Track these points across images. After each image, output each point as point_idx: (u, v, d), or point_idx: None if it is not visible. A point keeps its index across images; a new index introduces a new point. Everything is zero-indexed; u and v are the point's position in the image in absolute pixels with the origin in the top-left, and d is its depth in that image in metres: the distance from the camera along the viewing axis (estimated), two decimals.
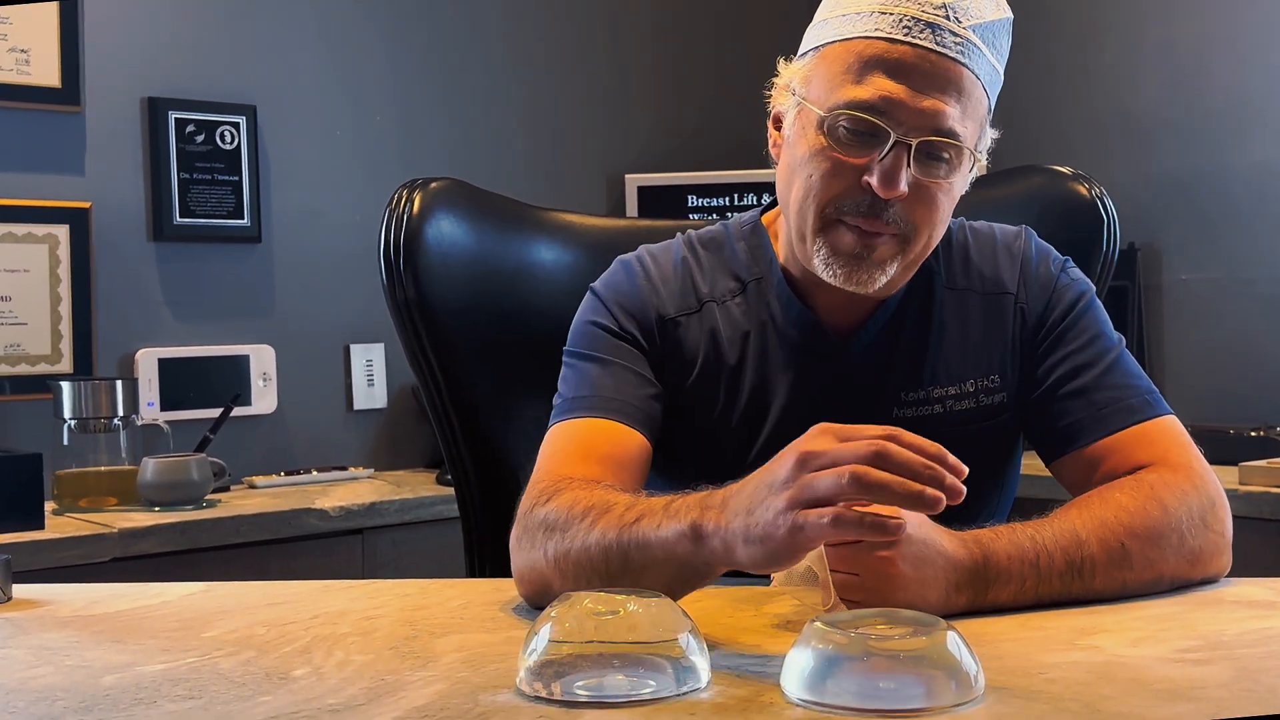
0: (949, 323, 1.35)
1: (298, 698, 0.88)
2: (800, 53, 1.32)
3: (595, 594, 0.91)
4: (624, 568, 1.04)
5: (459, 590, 1.23)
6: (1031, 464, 1.42)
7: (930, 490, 0.89)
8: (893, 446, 0.91)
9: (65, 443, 2.49)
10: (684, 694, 0.86)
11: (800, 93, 1.28)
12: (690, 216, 3.20)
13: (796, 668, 0.85)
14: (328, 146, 3.00)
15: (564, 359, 1.35)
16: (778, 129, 1.34)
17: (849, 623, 0.86)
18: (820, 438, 0.95)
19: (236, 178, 2.84)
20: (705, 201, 3.20)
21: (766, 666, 0.93)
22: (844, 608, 1.02)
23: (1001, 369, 1.34)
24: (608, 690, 0.87)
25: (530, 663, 0.88)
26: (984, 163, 1.31)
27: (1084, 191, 1.66)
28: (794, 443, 0.96)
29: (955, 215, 1.44)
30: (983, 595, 1.08)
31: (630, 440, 1.27)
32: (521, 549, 1.15)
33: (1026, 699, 0.83)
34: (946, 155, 1.24)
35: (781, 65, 1.33)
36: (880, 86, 1.22)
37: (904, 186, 1.22)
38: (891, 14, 1.22)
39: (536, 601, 1.14)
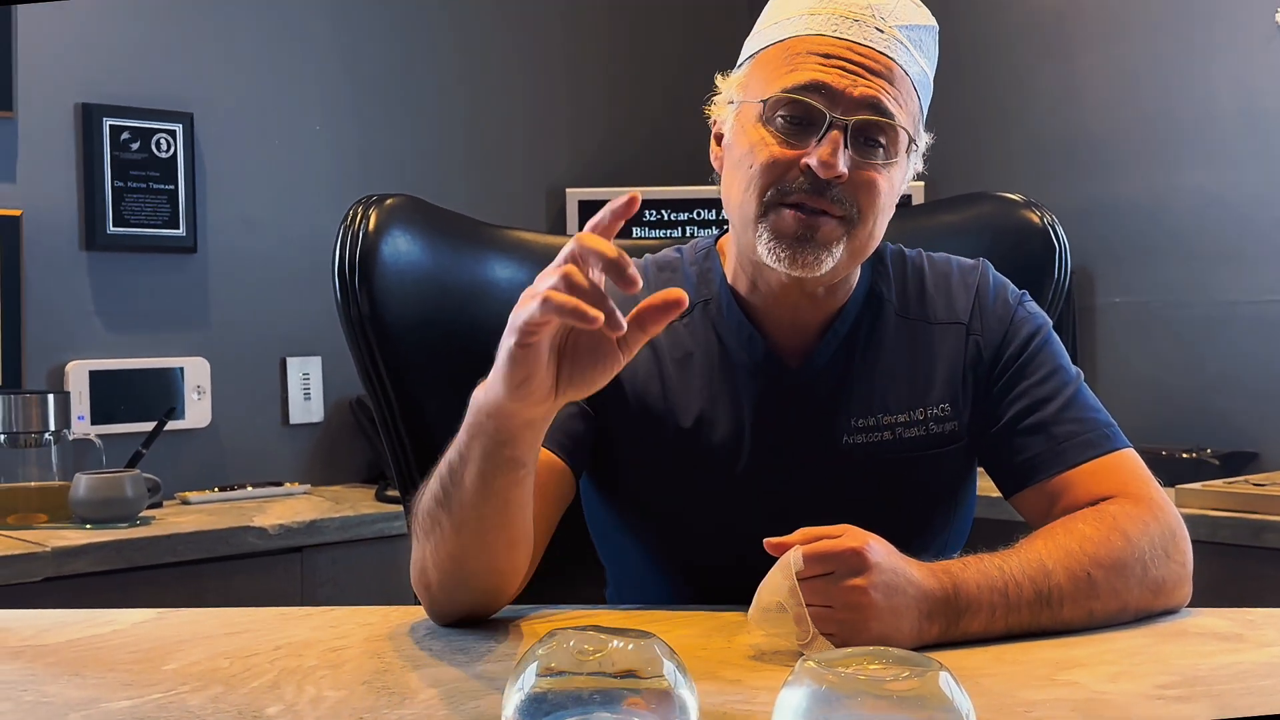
0: (900, 351, 1.36)
1: None
2: (738, 64, 1.34)
3: (581, 632, 0.89)
4: (453, 488, 1.10)
5: (421, 619, 1.21)
6: (986, 484, 1.43)
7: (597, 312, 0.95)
8: (573, 273, 0.97)
9: None
10: None
11: (738, 99, 1.30)
12: (643, 232, 3.17)
13: (789, 708, 0.84)
14: (266, 156, 2.95)
15: None
16: (719, 144, 1.34)
17: (841, 662, 0.86)
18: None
19: (172, 186, 2.79)
20: (664, 215, 3.18)
21: (752, 703, 0.92)
22: (822, 640, 1.02)
23: (952, 398, 1.34)
24: None
25: (517, 701, 0.87)
26: (920, 167, 1.33)
27: (1035, 219, 1.67)
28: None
29: (911, 246, 1.45)
30: (954, 625, 1.09)
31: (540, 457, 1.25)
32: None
33: None
34: (883, 141, 1.26)
35: (720, 80, 1.35)
36: (814, 72, 1.24)
37: (843, 166, 1.22)
38: (820, 14, 1.26)
39: (424, 595, 1.19)
